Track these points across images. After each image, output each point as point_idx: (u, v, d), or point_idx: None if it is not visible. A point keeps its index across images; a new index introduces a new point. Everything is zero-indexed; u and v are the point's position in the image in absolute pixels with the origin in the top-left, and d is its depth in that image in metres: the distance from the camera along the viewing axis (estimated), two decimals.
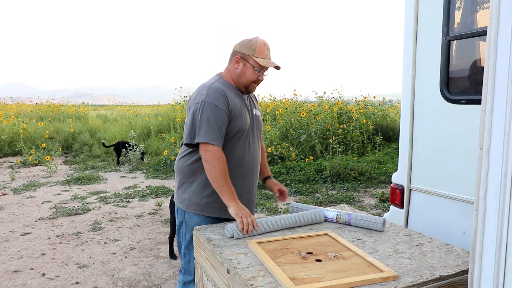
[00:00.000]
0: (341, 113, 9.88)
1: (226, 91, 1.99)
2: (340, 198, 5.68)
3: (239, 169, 2.04)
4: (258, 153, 2.15)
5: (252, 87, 2.06)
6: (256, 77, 2.02)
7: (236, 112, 1.98)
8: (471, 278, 1.25)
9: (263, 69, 2.03)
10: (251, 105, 2.14)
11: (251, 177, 2.11)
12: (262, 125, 2.23)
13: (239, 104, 2.02)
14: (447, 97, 2.08)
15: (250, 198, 2.14)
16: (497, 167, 1.17)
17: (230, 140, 2.00)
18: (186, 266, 2.13)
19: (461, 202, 2.01)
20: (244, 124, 2.02)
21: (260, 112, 2.24)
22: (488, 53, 1.17)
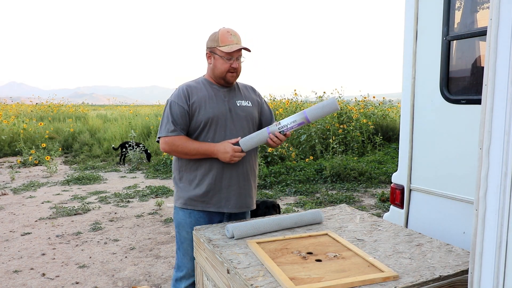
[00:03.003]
0: (341, 113, 9.88)
1: (193, 87, 2.07)
2: (340, 198, 5.68)
3: (217, 160, 2.03)
4: None
5: (229, 76, 2.06)
6: (228, 65, 2.02)
7: (199, 104, 2.03)
8: (471, 278, 1.25)
9: (232, 55, 2.02)
10: (235, 97, 2.13)
11: (232, 169, 2.06)
12: (255, 116, 2.19)
13: (207, 97, 2.05)
14: (447, 97, 2.08)
15: (238, 191, 2.09)
16: (497, 167, 1.17)
17: (202, 132, 2.04)
18: (177, 261, 2.18)
19: (461, 202, 2.01)
20: (210, 114, 2.03)
21: (255, 103, 2.21)
22: (488, 53, 1.17)
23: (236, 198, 2.08)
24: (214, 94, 2.08)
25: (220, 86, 2.12)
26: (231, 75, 2.06)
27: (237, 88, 2.19)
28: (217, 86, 2.11)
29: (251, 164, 2.16)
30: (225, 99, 2.10)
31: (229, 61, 2.02)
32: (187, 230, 2.09)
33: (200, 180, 2.06)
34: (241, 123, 2.10)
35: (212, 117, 2.04)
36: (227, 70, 2.03)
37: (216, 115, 2.04)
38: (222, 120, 2.06)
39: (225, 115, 2.07)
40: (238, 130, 2.09)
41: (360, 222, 2.03)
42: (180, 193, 2.11)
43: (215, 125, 2.04)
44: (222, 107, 2.07)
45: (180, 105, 2.02)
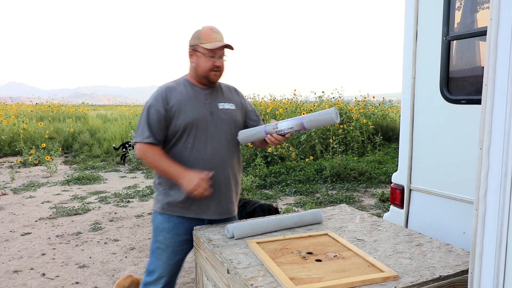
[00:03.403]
0: (341, 113, 9.88)
1: (173, 89, 1.98)
2: (340, 198, 5.68)
3: (197, 166, 1.95)
4: (227, 148, 2.02)
5: (212, 75, 1.97)
6: (211, 63, 1.94)
7: (179, 108, 1.94)
8: (471, 278, 1.25)
9: (215, 53, 1.94)
10: (217, 99, 2.04)
11: (216, 175, 1.97)
12: (238, 120, 2.09)
13: (187, 99, 1.97)
14: (447, 97, 2.08)
15: (218, 198, 2.00)
16: (497, 167, 1.17)
17: (181, 137, 1.96)
18: (149, 265, 2.08)
19: (461, 202, 2.01)
20: (190, 118, 1.94)
21: (238, 105, 2.12)
22: (488, 53, 1.17)
23: (216, 204, 2.00)
24: (194, 97, 1.99)
25: (202, 88, 2.03)
26: (215, 73, 1.98)
27: (219, 90, 2.09)
28: (198, 88, 2.02)
29: (233, 170, 2.07)
30: (207, 101, 2.00)
31: (212, 59, 1.94)
32: (164, 235, 2.02)
33: (179, 186, 1.95)
34: (223, 127, 2.01)
35: (192, 122, 1.95)
36: (210, 68, 1.95)
37: (196, 119, 1.95)
38: (202, 124, 1.97)
39: (205, 118, 1.97)
40: (220, 135, 2.00)
41: (360, 222, 2.03)
42: (159, 197, 2.04)
43: (195, 130, 1.96)
44: (203, 110, 1.98)
45: (158, 109, 1.93)
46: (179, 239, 2.01)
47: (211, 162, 1.97)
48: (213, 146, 1.98)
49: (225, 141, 2.02)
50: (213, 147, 1.98)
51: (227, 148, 2.02)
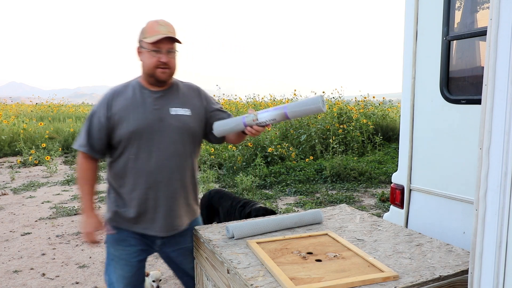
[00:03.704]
0: (341, 113, 9.88)
1: (119, 93, 1.82)
2: (340, 198, 5.68)
3: (140, 179, 1.78)
4: (176, 159, 1.82)
5: (159, 73, 1.76)
6: (155, 60, 1.73)
7: (122, 115, 1.76)
8: (471, 278, 1.25)
9: (159, 47, 1.73)
10: (169, 103, 1.83)
11: (158, 190, 1.80)
12: (192, 127, 1.86)
13: (133, 105, 1.78)
14: (447, 97, 2.08)
15: (165, 213, 1.83)
16: (497, 167, 1.17)
17: (125, 149, 1.79)
18: (109, 278, 1.93)
19: (461, 202, 2.01)
20: (133, 127, 1.75)
21: (196, 110, 1.89)
22: (488, 53, 1.17)
23: (163, 220, 1.83)
24: (141, 102, 1.79)
25: (153, 91, 1.82)
26: (161, 71, 1.75)
27: (175, 92, 1.87)
28: (148, 91, 1.81)
29: (184, 183, 1.87)
30: (156, 106, 1.79)
31: (156, 54, 1.73)
32: (115, 247, 1.88)
33: (125, 199, 1.83)
34: (173, 136, 1.80)
35: (135, 131, 1.75)
36: (154, 64, 1.74)
37: (141, 128, 1.75)
38: (147, 133, 1.76)
39: (152, 127, 1.77)
40: (168, 145, 1.79)
41: (360, 222, 2.03)
42: (109, 205, 1.89)
43: (139, 140, 1.76)
44: (150, 117, 1.77)
45: (99, 117, 1.78)
46: (131, 251, 1.88)
47: (156, 175, 1.79)
48: (159, 158, 1.78)
49: (175, 152, 1.81)
50: (159, 158, 1.78)
51: (176, 159, 1.82)
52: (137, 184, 1.80)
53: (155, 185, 1.80)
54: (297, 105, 1.65)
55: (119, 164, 1.81)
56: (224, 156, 7.82)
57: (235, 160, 7.51)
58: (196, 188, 1.98)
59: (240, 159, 7.49)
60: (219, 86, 13.35)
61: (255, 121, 1.70)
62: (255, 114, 1.70)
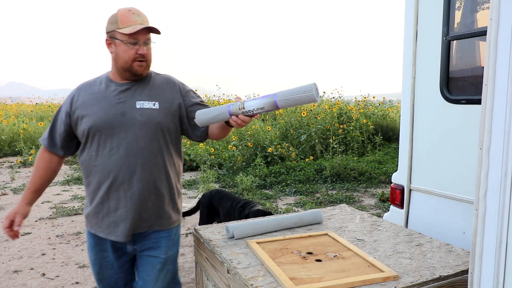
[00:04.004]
0: (341, 113, 9.88)
1: (85, 88, 1.73)
2: (340, 198, 5.68)
3: (101, 178, 1.67)
4: (140, 157, 1.66)
5: (137, 66, 1.64)
6: (133, 52, 1.61)
7: (83, 110, 1.68)
8: (471, 278, 1.25)
9: (137, 39, 1.61)
10: (136, 96, 1.69)
11: (119, 190, 1.66)
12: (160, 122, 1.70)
13: (95, 99, 1.68)
14: (447, 97, 2.08)
15: (128, 216, 1.67)
16: (497, 167, 1.17)
17: (86, 145, 1.70)
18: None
19: (461, 202, 2.01)
20: (92, 121, 1.65)
21: (167, 104, 1.73)
22: (488, 53, 1.17)
23: (125, 224, 1.67)
24: (104, 95, 1.68)
25: (119, 83, 1.70)
26: (139, 64, 1.64)
27: (146, 84, 1.73)
28: (114, 84, 1.70)
29: (152, 183, 1.69)
30: (120, 100, 1.67)
31: (134, 46, 1.61)
32: (91, 251, 1.78)
33: (90, 199, 1.74)
34: (136, 131, 1.65)
35: (94, 126, 1.65)
36: (132, 58, 1.62)
37: (100, 123, 1.64)
38: (107, 129, 1.65)
39: (113, 121, 1.64)
40: (132, 142, 1.65)
41: (360, 222, 2.03)
42: (85, 206, 1.80)
43: (99, 135, 1.65)
44: (111, 111, 1.65)
45: (62, 113, 1.73)
46: (104, 255, 1.76)
47: (117, 174, 1.65)
48: (120, 155, 1.64)
49: (138, 148, 1.66)
50: (120, 155, 1.64)
51: (141, 157, 1.66)
52: (98, 183, 1.68)
53: (116, 185, 1.66)
54: (288, 93, 1.48)
55: (84, 162, 1.73)
56: (224, 156, 7.82)
57: (235, 160, 7.51)
58: (173, 192, 1.79)
59: (240, 159, 7.49)
60: (219, 86, 13.35)
61: (241, 109, 1.52)
62: (242, 102, 1.52)
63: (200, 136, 1.79)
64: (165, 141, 1.73)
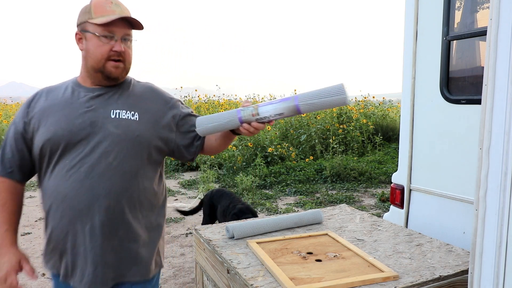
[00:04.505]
0: (341, 113, 9.88)
1: (45, 94, 1.40)
2: (340, 198, 5.68)
3: (59, 208, 1.31)
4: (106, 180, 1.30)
5: (110, 67, 1.32)
6: (107, 49, 1.29)
7: (40, 120, 1.33)
8: (471, 278, 1.25)
9: (113, 32, 1.29)
10: (110, 104, 1.35)
11: (77, 222, 1.30)
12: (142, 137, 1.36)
13: (56, 106, 1.34)
14: (447, 97, 2.08)
15: (85, 260, 1.31)
16: (497, 167, 1.17)
17: (43, 161, 1.35)
18: None
19: (461, 202, 2.01)
20: (50, 133, 1.30)
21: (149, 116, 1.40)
22: (488, 53, 1.17)
23: (87, 268, 1.31)
24: (70, 101, 1.34)
25: (89, 88, 1.37)
26: (115, 64, 1.32)
27: (124, 91, 1.40)
28: (84, 89, 1.37)
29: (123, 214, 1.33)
30: (90, 107, 1.33)
31: (108, 42, 1.29)
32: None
33: (44, 227, 1.40)
34: (106, 146, 1.30)
35: (51, 138, 1.29)
36: (106, 55, 1.30)
37: (61, 134, 1.29)
38: (69, 142, 1.29)
39: (77, 132, 1.29)
40: (98, 159, 1.29)
41: (360, 222, 2.03)
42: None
43: (56, 150, 1.30)
44: (77, 120, 1.30)
45: (16, 124, 1.37)
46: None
47: (74, 201, 1.28)
48: (79, 175, 1.28)
49: (106, 168, 1.29)
50: (80, 176, 1.28)
51: (107, 178, 1.30)
52: (53, 213, 1.33)
53: (74, 216, 1.29)
54: (312, 96, 1.27)
55: (41, 186, 1.39)
56: (224, 156, 7.82)
57: (235, 160, 7.51)
58: (153, 229, 1.46)
59: (240, 159, 7.49)
60: (219, 86, 13.35)
61: (254, 115, 1.30)
62: (255, 108, 1.30)
63: (194, 153, 1.50)
64: (142, 161, 1.36)
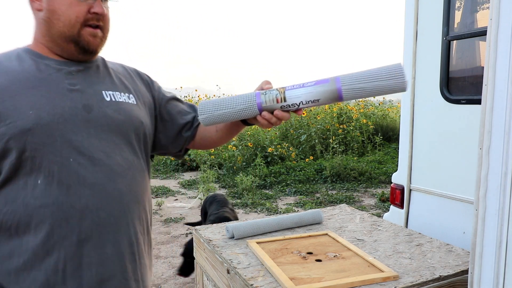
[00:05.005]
0: (341, 113, 9.88)
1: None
2: (340, 198, 5.68)
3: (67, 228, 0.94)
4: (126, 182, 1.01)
5: (87, 35, 0.98)
6: (84, 10, 0.97)
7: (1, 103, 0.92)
8: (471, 278, 1.25)
9: None
10: (97, 83, 1.04)
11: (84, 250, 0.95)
12: (143, 124, 1.09)
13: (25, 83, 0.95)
14: (447, 97, 2.08)
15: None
16: (497, 167, 1.17)
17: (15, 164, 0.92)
18: None
19: (461, 202, 2.01)
20: (31, 121, 0.91)
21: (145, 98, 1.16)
22: (488, 53, 1.17)
23: None
24: (37, 76, 0.97)
25: (62, 62, 1.01)
26: (92, 32, 0.99)
27: (101, 68, 1.09)
28: (54, 61, 1.01)
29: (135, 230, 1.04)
30: (74, 86, 0.99)
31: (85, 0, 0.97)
32: None
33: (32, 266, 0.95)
34: (109, 137, 0.99)
35: (32, 129, 0.91)
36: (82, 18, 0.97)
37: (47, 122, 0.92)
38: (61, 134, 0.93)
39: (72, 120, 0.95)
40: (109, 154, 0.98)
41: (360, 222, 2.03)
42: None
43: (37, 148, 0.91)
44: (64, 102, 0.96)
45: None
46: None
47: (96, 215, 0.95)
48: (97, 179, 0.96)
49: (120, 167, 1.00)
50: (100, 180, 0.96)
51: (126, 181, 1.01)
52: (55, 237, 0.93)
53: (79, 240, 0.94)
54: (361, 78, 0.98)
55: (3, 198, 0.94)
56: (224, 156, 7.83)
57: (235, 160, 7.52)
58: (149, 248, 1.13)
59: (240, 159, 7.49)
60: (219, 86, 13.35)
61: (280, 101, 1.00)
62: (281, 91, 1.00)
63: (182, 146, 1.23)
64: (146, 157, 1.12)
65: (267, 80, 1.06)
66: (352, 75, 0.99)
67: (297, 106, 1.01)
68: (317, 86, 1.00)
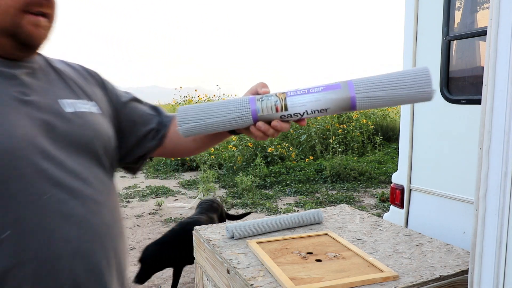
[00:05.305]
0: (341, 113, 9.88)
1: None
2: (340, 198, 5.68)
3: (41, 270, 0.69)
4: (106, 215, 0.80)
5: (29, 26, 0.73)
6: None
7: None
8: (471, 278, 1.25)
9: None
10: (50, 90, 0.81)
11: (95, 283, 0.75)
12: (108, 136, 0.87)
13: None
14: (447, 97, 2.08)
15: None
16: (497, 167, 1.17)
17: None
18: None
19: (461, 202, 2.01)
20: None
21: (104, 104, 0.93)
22: (488, 53, 1.17)
23: None
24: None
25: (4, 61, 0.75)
26: (35, 21, 0.74)
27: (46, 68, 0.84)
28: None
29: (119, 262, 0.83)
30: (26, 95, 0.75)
31: None
32: None
33: None
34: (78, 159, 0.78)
35: None
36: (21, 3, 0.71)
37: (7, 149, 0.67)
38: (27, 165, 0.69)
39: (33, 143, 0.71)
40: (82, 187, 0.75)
41: (360, 222, 2.03)
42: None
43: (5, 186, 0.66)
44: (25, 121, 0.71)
45: None
46: None
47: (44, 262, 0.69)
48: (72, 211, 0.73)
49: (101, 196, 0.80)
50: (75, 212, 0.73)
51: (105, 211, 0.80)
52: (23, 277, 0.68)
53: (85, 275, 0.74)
54: (378, 84, 0.81)
55: None
56: (224, 156, 7.82)
57: (235, 160, 7.52)
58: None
59: (240, 159, 7.49)
60: (219, 86, 13.35)
61: (280, 110, 0.83)
62: (281, 98, 0.83)
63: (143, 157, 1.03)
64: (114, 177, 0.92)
65: (263, 83, 0.88)
66: (368, 80, 0.82)
67: (300, 116, 0.83)
68: (326, 92, 0.82)
